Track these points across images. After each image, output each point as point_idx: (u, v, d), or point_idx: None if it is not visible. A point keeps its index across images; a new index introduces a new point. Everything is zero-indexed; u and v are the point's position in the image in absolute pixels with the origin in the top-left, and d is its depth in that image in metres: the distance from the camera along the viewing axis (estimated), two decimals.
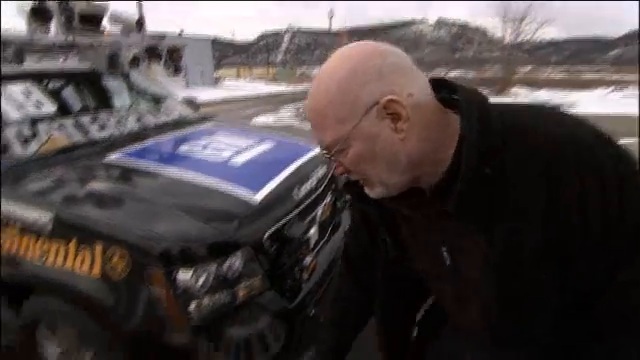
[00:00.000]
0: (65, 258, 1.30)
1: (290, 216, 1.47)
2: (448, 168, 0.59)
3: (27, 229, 1.40)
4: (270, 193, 1.50)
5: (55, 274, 1.32)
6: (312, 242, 1.55)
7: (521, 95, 8.65)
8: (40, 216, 1.38)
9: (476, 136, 0.56)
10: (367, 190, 0.65)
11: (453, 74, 12.94)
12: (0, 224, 1.45)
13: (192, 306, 1.19)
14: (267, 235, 1.35)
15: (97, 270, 1.24)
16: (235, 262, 1.27)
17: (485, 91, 0.71)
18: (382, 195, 0.64)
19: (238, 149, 1.82)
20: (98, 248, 1.25)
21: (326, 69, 0.60)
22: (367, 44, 0.60)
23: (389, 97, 0.55)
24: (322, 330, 0.96)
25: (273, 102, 11.46)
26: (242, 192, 1.46)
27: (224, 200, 1.42)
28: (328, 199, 1.88)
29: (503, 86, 9.74)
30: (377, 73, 0.56)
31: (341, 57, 0.60)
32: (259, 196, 1.46)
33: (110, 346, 1.31)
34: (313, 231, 1.56)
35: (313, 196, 1.67)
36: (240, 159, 1.72)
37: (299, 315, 1.44)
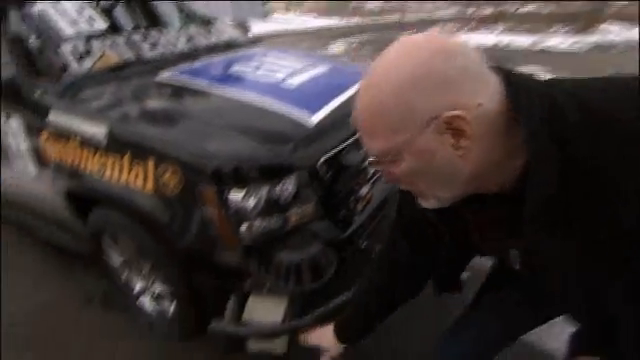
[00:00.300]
0: (120, 172, 1.30)
1: (347, 143, 1.34)
2: (518, 177, 0.52)
3: (86, 143, 1.41)
4: (327, 117, 1.38)
5: (113, 188, 1.34)
6: (369, 173, 1.43)
7: (612, 33, 7.39)
8: (96, 131, 1.38)
9: (543, 148, 0.48)
10: (419, 200, 0.61)
11: (526, 9, 11.30)
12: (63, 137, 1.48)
13: (243, 227, 1.15)
14: (322, 160, 1.25)
15: (150, 185, 1.23)
16: (288, 186, 1.19)
17: (564, 29, 0.51)
18: (436, 206, 0.60)
19: (292, 71, 1.68)
20: (150, 164, 1.22)
21: (381, 66, 0.51)
22: (433, 39, 0.50)
23: (453, 113, 0.47)
24: (349, 312, 0.94)
25: (324, 36, 10.85)
26: (297, 114, 1.35)
27: (279, 121, 1.32)
28: None
29: (589, 22, 8.33)
30: (441, 79, 0.47)
31: (400, 54, 0.50)
32: (315, 119, 1.34)
33: (165, 260, 1.34)
34: (368, 163, 1.44)
35: None
36: (295, 80, 1.59)
37: (350, 246, 1.38)
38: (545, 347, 1.44)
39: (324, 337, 0.98)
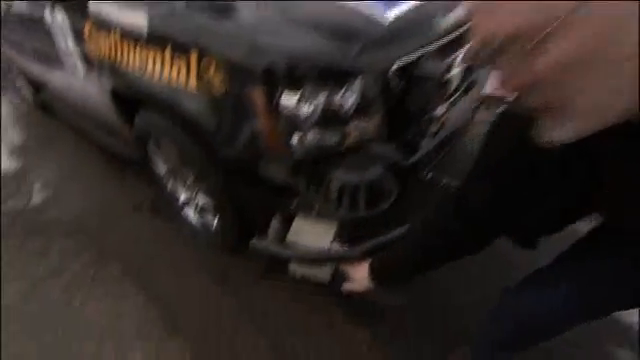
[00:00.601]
0: (162, 68, 1.15)
1: (426, 50, 1.08)
2: None
3: (126, 35, 1.26)
4: (404, 16, 1.10)
5: (154, 86, 1.20)
6: (447, 90, 1.17)
7: None
8: (136, 21, 1.21)
9: None
10: (546, 127, 0.42)
11: None
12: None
13: (295, 138, 0.99)
14: (395, 67, 1.01)
15: (193, 83, 1.07)
16: (351, 94, 0.98)
17: None
18: (571, 137, 0.41)
19: None
20: (193, 58, 1.06)
21: None
22: None
23: None
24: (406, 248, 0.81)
25: None
26: (370, 7, 1.09)
27: (345, 14, 1.07)
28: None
29: None
30: None
31: None
32: (390, 16, 1.08)
33: (208, 171, 1.24)
34: (451, 77, 1.18)
35: (457, 33, 1.22)
36: None
37: (414, 175, 1.19)
38: (622, 319, 1.27)
39: (359, 270, 0.90)
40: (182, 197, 1.60)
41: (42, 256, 1.75)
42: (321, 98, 0.97)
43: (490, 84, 1.53)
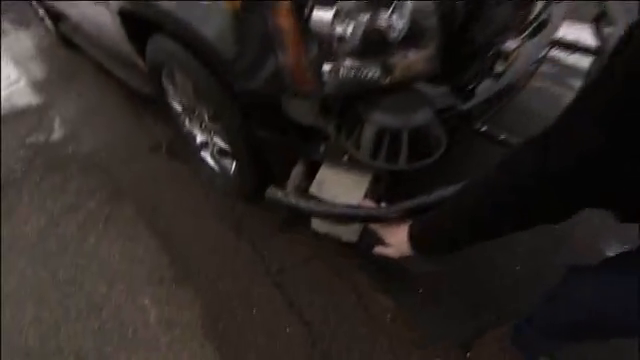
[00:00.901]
0: None
1: None
2: None
3: None
4: None
5: (161, 3, 1.03)
6: (524, 20, 0.93)
7: None
8: None
9: None
10: None
11: None
12: None
13: (327, 66, 0.80)
14: None
15: None
16: (401, 16, 0.77)
17: None
18: None
19: None
20: None
21: None
22: None
23: None
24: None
25: None
26: None
27: None
28: None
29: None
30: None
31: None
32: None
33: (225, 107, 1.08)
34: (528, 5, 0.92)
35: None
36: None
37: (467, 124, 0.98)
38: None
39: (396, 234, 0.75)
40: (199, 138, 1.47)
41: (60, 192, 1.70)
42: (363, 17, 0.76)
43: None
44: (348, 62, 0.80)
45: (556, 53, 1.71)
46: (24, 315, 1.27)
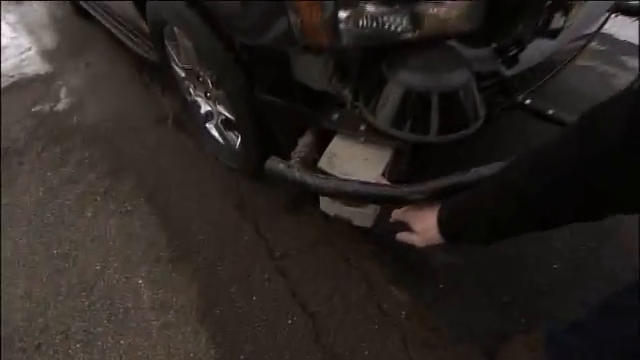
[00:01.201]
0: None
1: None
2: None
3: None
4: None
5: None
6: None
7: None
8: None
9: None
10: None
11: None
12: None
13: (343, 14, 0.66)
14: None
15: None
16: None
17: None
18: None
19: None
20: None
21: None
22: None
23: None
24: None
25: None
26: None
27: None
28: None
29: None
30: None
31: None
32: None
33: (227, 68, 0.95)
34: None
35: None
36: None
37: (508, 95, 0.83)
38: None
39: (424, 219, 0.63)
40: (204, 108, 1.36)
41: (61, 163, 1.63)
42: None
43: None
44: (370, 8, 0.66)
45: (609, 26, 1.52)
46: (15, 289, 1.20)
